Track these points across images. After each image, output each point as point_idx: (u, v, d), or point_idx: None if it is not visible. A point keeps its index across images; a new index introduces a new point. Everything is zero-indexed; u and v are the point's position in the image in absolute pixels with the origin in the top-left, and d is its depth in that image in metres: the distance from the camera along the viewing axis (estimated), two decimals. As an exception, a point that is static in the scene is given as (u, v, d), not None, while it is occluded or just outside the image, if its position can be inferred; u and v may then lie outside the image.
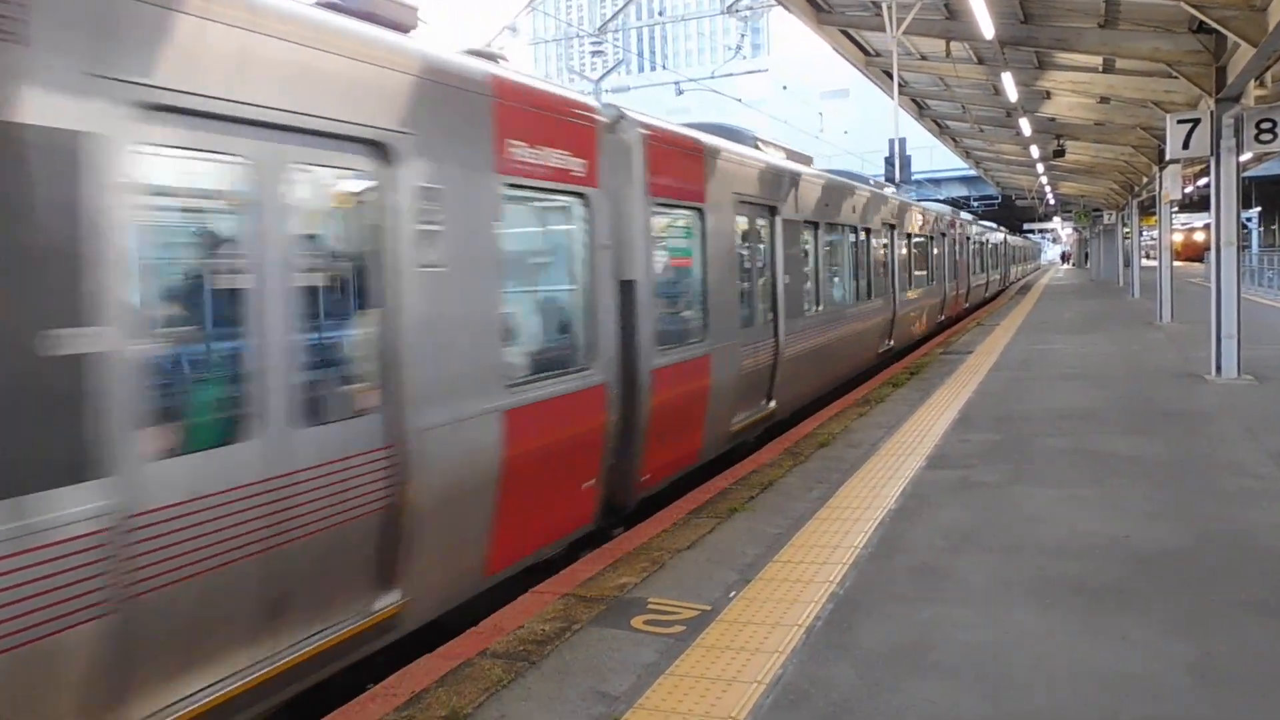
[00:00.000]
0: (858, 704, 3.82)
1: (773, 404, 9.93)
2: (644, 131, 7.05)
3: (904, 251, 17.41)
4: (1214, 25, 10.84)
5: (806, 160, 12.19)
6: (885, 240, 15.89)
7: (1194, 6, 10.51)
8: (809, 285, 11.33)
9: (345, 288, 4.49)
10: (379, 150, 4.41)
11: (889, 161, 18.62)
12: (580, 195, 6.18)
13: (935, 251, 21.19)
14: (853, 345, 13.53)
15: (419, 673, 4.29)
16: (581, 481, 6.19)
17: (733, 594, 5.11)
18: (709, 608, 4.92)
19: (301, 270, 4.05)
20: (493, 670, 4.25)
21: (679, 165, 7.78)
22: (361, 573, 4.34)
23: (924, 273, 19.88)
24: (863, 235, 14.25)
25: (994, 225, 40.84)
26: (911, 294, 18.06)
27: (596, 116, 6.42)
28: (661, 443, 7.22)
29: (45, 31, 3.02)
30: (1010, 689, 3.90)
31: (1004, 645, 4.32)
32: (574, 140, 6.04)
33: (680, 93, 29.29)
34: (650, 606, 4.96)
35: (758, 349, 9.39)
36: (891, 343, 16.38)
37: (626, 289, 6.75)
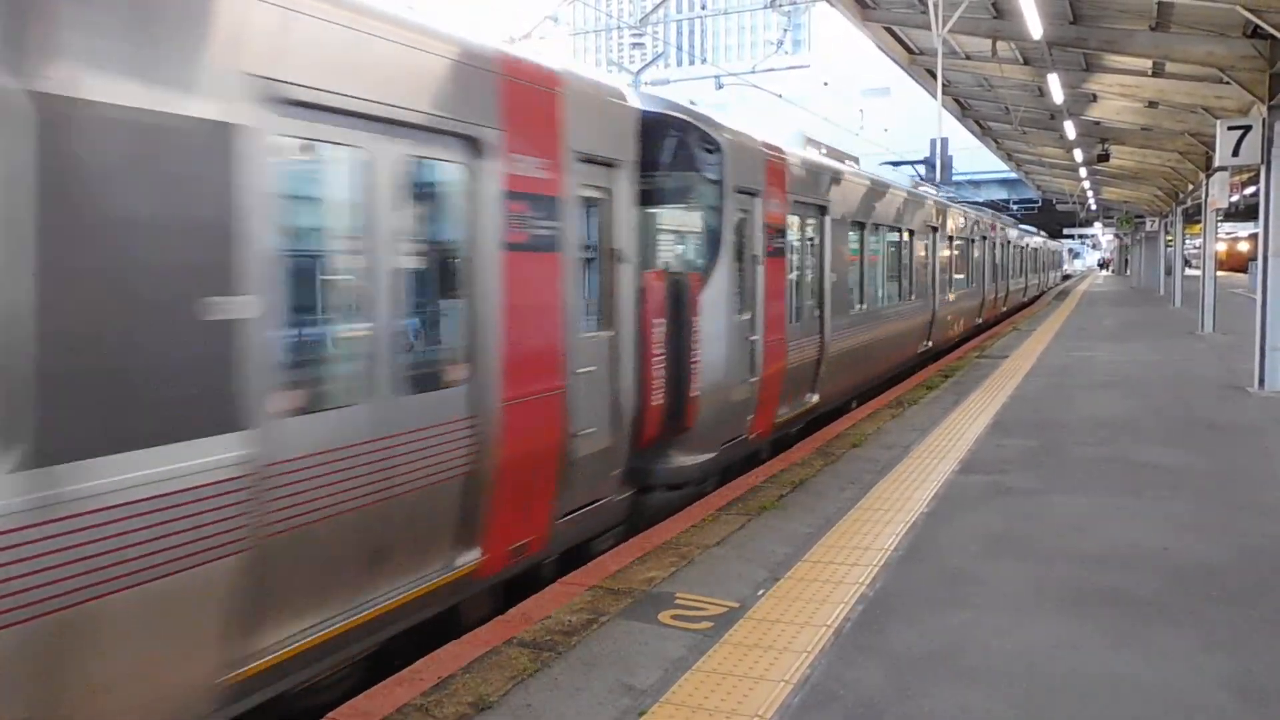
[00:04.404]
0: (886, 707, 3.78)
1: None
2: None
3: None
4: (1270, 30, 10.61)
5: None
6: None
7: (1250, 10, 10.30)
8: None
9: None
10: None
11: (929, 164, 18.41)
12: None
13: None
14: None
15: (445, 659, 4.30)
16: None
17: (761, 592, 5.09)
18: (737, 605, 4.90)
19: None
20: (519, 659, 4.25)
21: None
22: None
23: None
24: None
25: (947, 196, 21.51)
26: None
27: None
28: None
29: None
30: (1042, 698, 3.84)
31: (1036, 654, 4.26)
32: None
33: (720, 87, 29.18)
34: (678, 601, 4.95)
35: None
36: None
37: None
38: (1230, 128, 12.12)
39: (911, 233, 15.42)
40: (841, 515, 6.55)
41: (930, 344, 17.16)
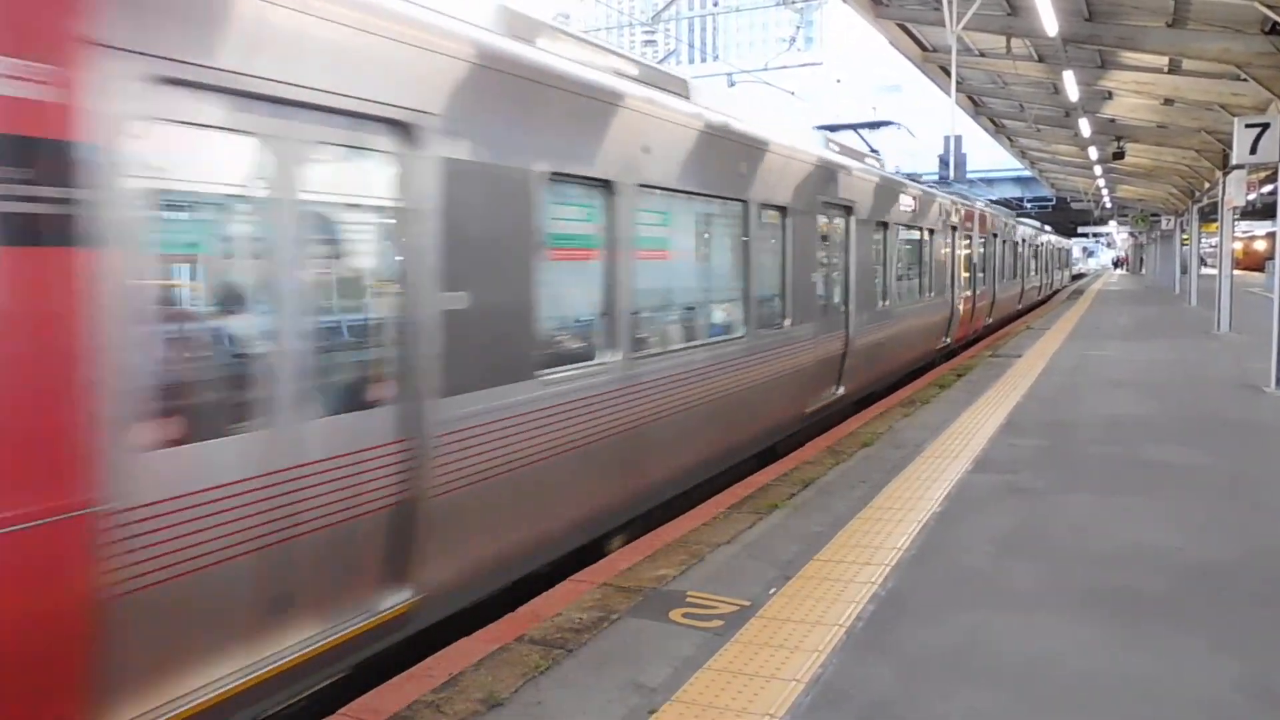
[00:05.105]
0: (898, 707, 3.76)
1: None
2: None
3: None
4: (1288, 27, 10.51)
5: None
6: None
7: (1268, 7, 10.21)
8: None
9: None
10: None
11: (943, 160, 18.31)
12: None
13: None
14: None
15: (456, 655, 4.31)
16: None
17: (772, 590, 5.07)
18: (748, 603, 4.89)
19: None
20: (530, 656, 4.25)
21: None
22: None
23: None
24: None
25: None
26: None
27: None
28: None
29: None
30: (1053, 699, 3.82)
31: (1048, 654, 4.24)
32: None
33: (732, 84, 29.15)
34: (689, 599, 4.94)
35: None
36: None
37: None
38: (1247, 125, 12.03)
39: (790, 213, 9.19)
40: (853, 514, 6.52)
41: (842, 390, 10.98)
